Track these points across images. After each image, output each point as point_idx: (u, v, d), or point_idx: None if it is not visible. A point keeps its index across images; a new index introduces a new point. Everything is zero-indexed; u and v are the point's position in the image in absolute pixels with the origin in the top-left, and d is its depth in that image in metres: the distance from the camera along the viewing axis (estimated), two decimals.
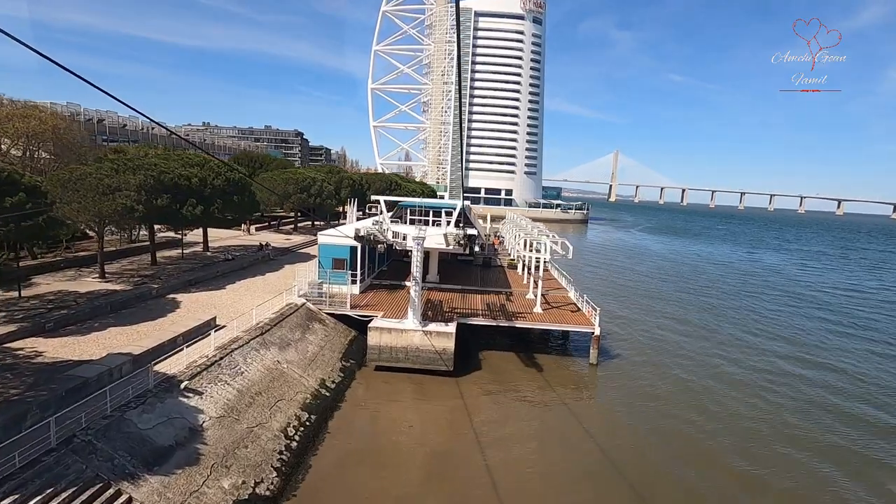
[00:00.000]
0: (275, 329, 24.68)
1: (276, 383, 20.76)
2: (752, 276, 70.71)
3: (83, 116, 78.19)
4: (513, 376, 27.01)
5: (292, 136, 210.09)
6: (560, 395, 25.16)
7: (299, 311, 28.00)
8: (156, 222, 30.74)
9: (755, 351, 34.25)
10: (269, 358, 22.10)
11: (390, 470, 17.73)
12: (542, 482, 17.69)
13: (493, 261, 48.79)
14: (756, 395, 26.43)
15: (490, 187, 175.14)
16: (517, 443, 20.43)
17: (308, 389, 21.78)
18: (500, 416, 22.73)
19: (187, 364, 18.59)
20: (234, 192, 37.46)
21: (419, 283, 26.38)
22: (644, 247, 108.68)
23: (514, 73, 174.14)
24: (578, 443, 20.71)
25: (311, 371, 23.45)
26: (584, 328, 29.58)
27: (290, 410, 19.69)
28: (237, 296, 29.90)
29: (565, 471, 18.63)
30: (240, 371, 19.88)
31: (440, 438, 20.57)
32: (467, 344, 29.43)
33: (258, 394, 19.40)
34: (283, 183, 55.87)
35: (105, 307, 24.00)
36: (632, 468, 18.76)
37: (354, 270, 33.46)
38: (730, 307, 47.98)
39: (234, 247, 44.91)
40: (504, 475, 17.70)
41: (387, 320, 27.42)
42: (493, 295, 35.59)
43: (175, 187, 31.23)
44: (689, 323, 40.63)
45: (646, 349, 32.88)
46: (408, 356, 26.10)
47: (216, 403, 17.38)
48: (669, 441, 21.27)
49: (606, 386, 26.98)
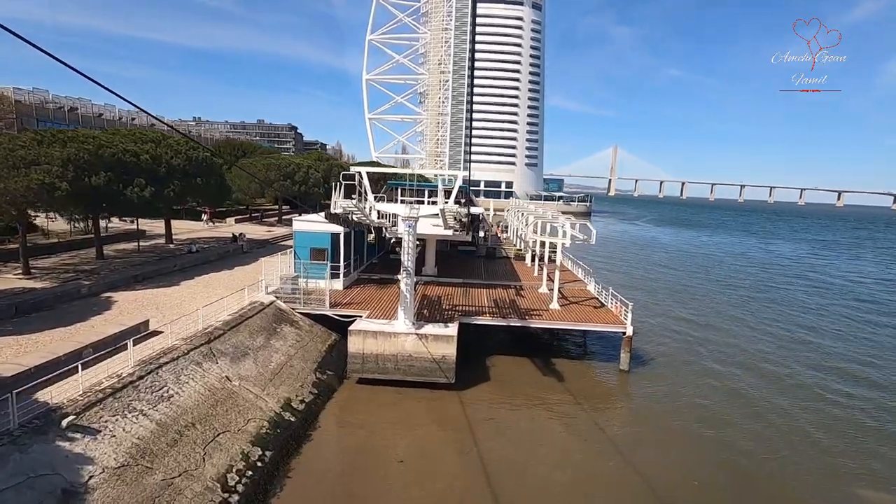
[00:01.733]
0: (229, 334, 19.47)
1: (219, 409, 15.57)
2: (775, 267, 65.66)
3: (52, 104, 72.64)
4: (528, 387, 21.89)
5: (286, 131, 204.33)
6: (588, 411, 20.01)
7: (265, 312, 22.80)
8: (90, 206, 25.48)
9: (812, 350, 29.12)
10: (214, 373, 16.89)
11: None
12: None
13: (498, 251, 43.59)
14: (835, 416, 21.21)
15: (490, 179, 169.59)
16: (538, 478, 15.30)
17: (266, 414, 16.59)
18: (516, 441, 17.59)
19: (89, 387, 13.42)
20: (197, 173, 32.16)
21: (411, 274, 21.18)
22: (653, 238, 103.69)
23: (513, 60, 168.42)
24: (619, 478, 15.59)
25: (274, 388, 18.26)
26: (613, 328, 24.42)
27: (235, 447, 14.51)
28: (191, 293, 24.68)
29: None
30: (166, 394, 14.67)
31: (439, 477, 15.40)
32: (471, 348, 24.34)
33: (190, 426, 14.20)
34: (265, 169, 50.50)
35: (8, 310, 18.75)
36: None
37: (337, 262, 28.30)
38: (766, 300, 42.84)
39: (203, 239, 39.64)
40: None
41: (372, 321, 22.23)
42: (501, 289, 30.42)
43: (118, 164, 25.93)
44: (728, 320, 35.45)
45: (684, 352, 27.72)
46: (398, 366, 20.93)
47: (119, 446, 12.18)
48: (743, 482, 16.14)
49: (644, 399, 21.81)
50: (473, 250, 42.73)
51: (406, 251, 21.17)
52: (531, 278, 33.66)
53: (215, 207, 47.09)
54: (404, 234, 21.23)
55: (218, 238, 41.09)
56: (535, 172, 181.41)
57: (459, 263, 37.85)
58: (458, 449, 17.03)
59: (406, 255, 21.16)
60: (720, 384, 23.43)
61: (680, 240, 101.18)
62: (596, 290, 30.42)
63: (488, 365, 23.76)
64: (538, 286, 30.71)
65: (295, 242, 28.38)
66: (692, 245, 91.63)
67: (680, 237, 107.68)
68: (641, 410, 20.70)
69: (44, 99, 72.07)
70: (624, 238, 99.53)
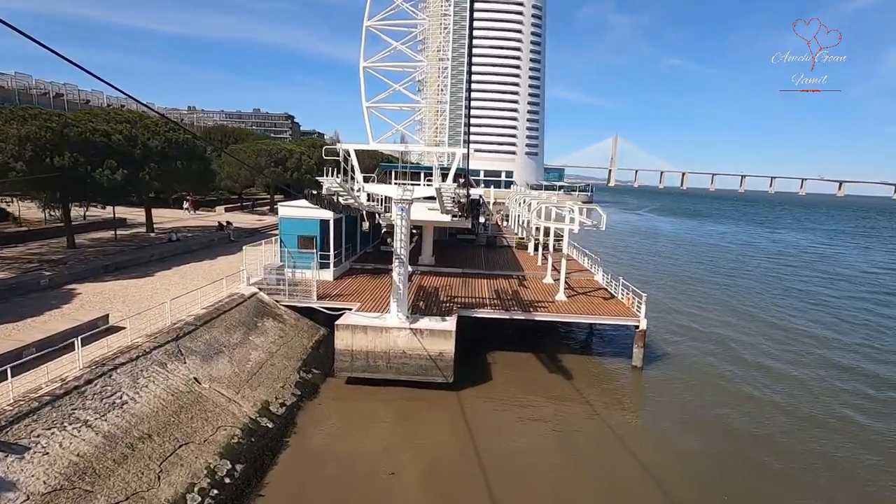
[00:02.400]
0: (201, 330, 17.49)
1: (183, 416, 13.62)
2: (785, 257, 63.68)
3: (36, 90, 70.06)
4: (533, 386, 19.99)
5: (282, 120, 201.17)
6: (601, 412, 18.11)
7: (245, 305, 20.81)
8: (55, 189, 23.36)
9: (841, 348, 27.18)
10: (179, 375, 14.93)
11: None
12: None
13: (499, 240, 41.56)
14: (878, 431, 19.37)
15: (490, 169, 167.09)
16: (548, 491, 13.41)
17: (239, 421, 14.66)
18: (522, 449, 15.70)
19: (22, 394, 11.46)
20: (178, 156, 30.00)
21: (405, 263, 19.17)
22: (657, 227, 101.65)
23: (513, 46, 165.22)
24: (638, 491, 13.71)
25: (250, 391, 16.32)
26: (625, 321, 22.46)
27: (199, 460, 12.57)
28: (165, 285, 22.66)
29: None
30: (119, 401, 12.71)
31: (434, 492, 13.52)
32: (471, 344, 22.43)
33: (145, 438, 12.26)
34: (255, 155, 48.25)
35: None
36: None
37: (326, 251, 26.29)
38: (781, 292, 40.88)
39: (188, 228, 37.56)
40: None
41: (362, 315, 20.25)
42: (503, 279, 28.43)
43: (86, 145, 23.79)
44: (743, 313, 33.40)
45: (700, 349, 25.72)
46: (390, 364, 18.98)
47: (52, 466, 10.24)
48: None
49: (661, 400, 19.88)
50: (473, 239, 40.73)
51: (399, 238, 19.14)
52: (535, 268, 31.67)
53: (199, 195, 44.88)
54: (397, 218, 19.17)
55: (205, 227, 38.99)
56: (536, 162, 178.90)
57: (458, 253, 35.86)
58: (457, 456, 15.14)
59: (399, 241, 19.13)
60: (745, 388, 21.49)
61: (684, 229, 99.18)
62: (604, 280, 28.46)
63: (490, 362, 21.85)
64: (542, 276, 28.72)
65: (281, 230, 26.34)
66: (697, 234, 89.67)
67: (684, 227, 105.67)
68: (659, 414, 18.78)
69: (27, 84, 69.51)
70: (626, 228, 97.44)
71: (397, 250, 19.06)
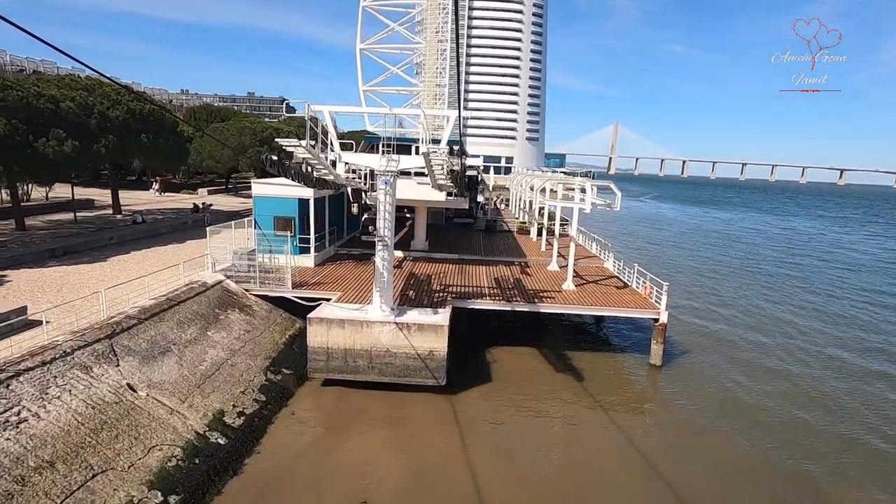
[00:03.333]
0: (146, 325, 14.71)
1: (105, 434, 10.89)
2: (797, 245, 60.99)
3: (12, 66, 66.54)
4: (537, 388, 17.34)
5: (276, 104, 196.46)
6: (616, 420, 15.46)
7: (207, 294, 18.02)
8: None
9: (879, 342, 24.59)
10: (108, 381, 12.17)
11: None
12: None
13: (499, 224, 38.70)
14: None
15: (489, 155, 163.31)
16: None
17: (181, 437, 11.93)
18: (526, 465, 13.05)
19: None
20: (143, 129, 26.96)
21: (389, 246, 16.34)
22: (661, 214, 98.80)
23: (514, 28, 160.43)
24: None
25: (201, 398, 13.58)
26: (642, 313, 19.73)
27: (119, 493, 9.86)
28: (116, 272, 19.83)
29: None
30: (14, 419, 9.95)
31: None
32: (468, 338, 19.74)
33: (45, 467, 9.53)
34: (238, 133, 45.07)
35: None
36: None
37: (307, 234, 23.48)
38: (800, 281, 38.22)
39: (160, 210, 34.63)
40: None
41: (340, 306, 17.48)
42: (504, 266, 25.65)
43: (29, 111, 20.76)
44: (766, 304, 30.73)
45: (724, 346, 22.99)
46: (373, 363, 16.25)
47: None
48: None
49: (684, 404, 17.22)
50: (471, 223, 37.92)
51: (383, 216, 16.28)
52: (538, 254, 28.88)
53: (167, 174, 41.77)
54: (380, 193, 16.28)
55: (180, 210, 36.06)
56: (537, 147, 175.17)
57: (455, 237, 33.07)
58: (447, 477, 12.47)
59: (383, 221, 16.27)
60: (773, 382, 18.87)
61: (688, 216, 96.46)
62: (616, 268, 25.70)
63: (489, 359, 19.16)
64: (547, 263, 25.95)
65: (255, 209, 23.43)
66: (703, 221, 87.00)
67: (688, 213, 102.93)
68: (684, 422, 16.10)
69: (2, 61, 66.11)
70: (631, 215, 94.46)
71: (381, 231, 16.22)
